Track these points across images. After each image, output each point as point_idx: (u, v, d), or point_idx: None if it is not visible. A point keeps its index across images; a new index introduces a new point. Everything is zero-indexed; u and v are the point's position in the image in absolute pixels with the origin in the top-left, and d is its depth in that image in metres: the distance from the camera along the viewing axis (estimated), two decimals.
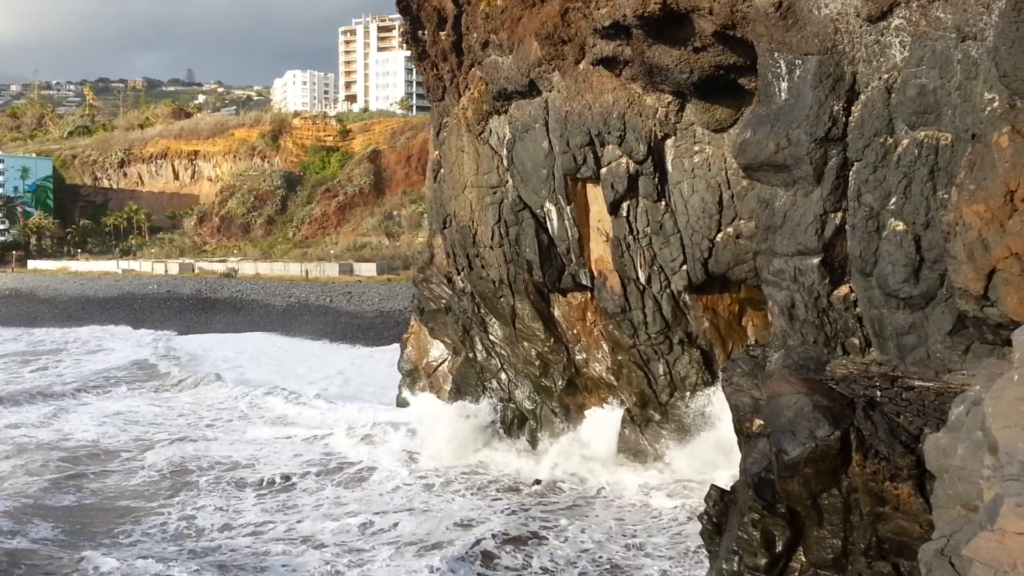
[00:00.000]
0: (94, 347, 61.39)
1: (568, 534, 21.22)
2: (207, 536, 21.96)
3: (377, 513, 23.18)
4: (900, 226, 14.07)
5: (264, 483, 26.35)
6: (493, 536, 20.75)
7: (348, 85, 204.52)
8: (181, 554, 20.36)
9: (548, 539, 20.97)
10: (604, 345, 26.57)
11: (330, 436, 32.00)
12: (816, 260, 15.76)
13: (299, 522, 22.77)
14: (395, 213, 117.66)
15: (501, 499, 24.37)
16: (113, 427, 34.68)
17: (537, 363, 28.18)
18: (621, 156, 23.48)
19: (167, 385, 45.67)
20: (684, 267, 23.08)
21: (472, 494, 24.87)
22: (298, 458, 29.31)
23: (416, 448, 29.38)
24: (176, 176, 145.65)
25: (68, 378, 48.08)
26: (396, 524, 22.38)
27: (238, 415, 37.09)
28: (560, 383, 27.73)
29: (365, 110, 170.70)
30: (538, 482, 25.32)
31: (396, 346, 41.11)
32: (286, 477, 26.77)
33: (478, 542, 20.41)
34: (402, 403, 35.30)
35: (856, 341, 15.62)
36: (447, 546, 20.32)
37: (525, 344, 28.49)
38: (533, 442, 28.57)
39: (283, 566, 19.65)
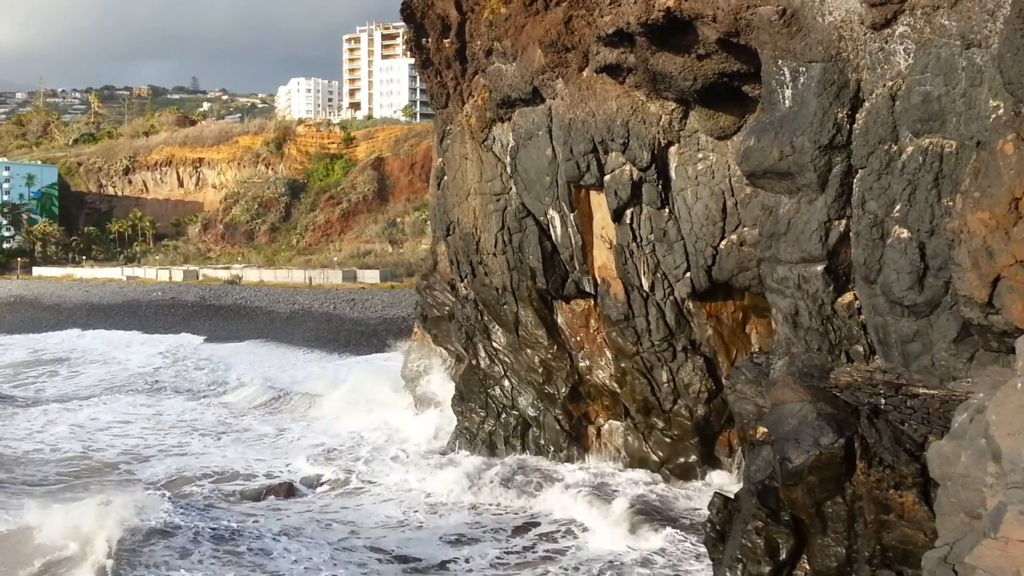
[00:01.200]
0: (97, 356, 61.23)
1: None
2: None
3: (365, 530, 22.67)
4: (904, 233, 14.06)
5: (262, 493, 26.08)
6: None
7: (352, 93, 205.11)
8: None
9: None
10: (607, 352, 26.55)
11: (333, 448, 31.69)
12: (820, 267, 15.74)
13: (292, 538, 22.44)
14: (398, 220, 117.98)
15: (501, 514, 24.08)
16: (107, 436, 34.43)
17: (540, 370, 28.15)
18: (625, 163, 23.48)
19: (168, 393, 45.42)
20: (688, 274, 23.05)
21: (470, 509, 24.52)
22: (302, 469, 29.08)
23: (415, 463, 29.01)
24: (181, 183, 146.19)
25: (65, 388, 48.07)
26: (384, 537, 22.05)
27: (237, 427, 36.77)
28: (563, 390, 27.69)
29: (369, 117, 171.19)
30: None
31: (399, 353, 41.10)
32: (289, 488, 26.53)
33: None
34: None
35: (860, 349, 15.59)
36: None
37: (528, 351, 28.47)
38: (538, 453, 28.49)
39: None
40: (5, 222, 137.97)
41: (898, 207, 14.15)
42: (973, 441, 9.53)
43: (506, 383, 29.62)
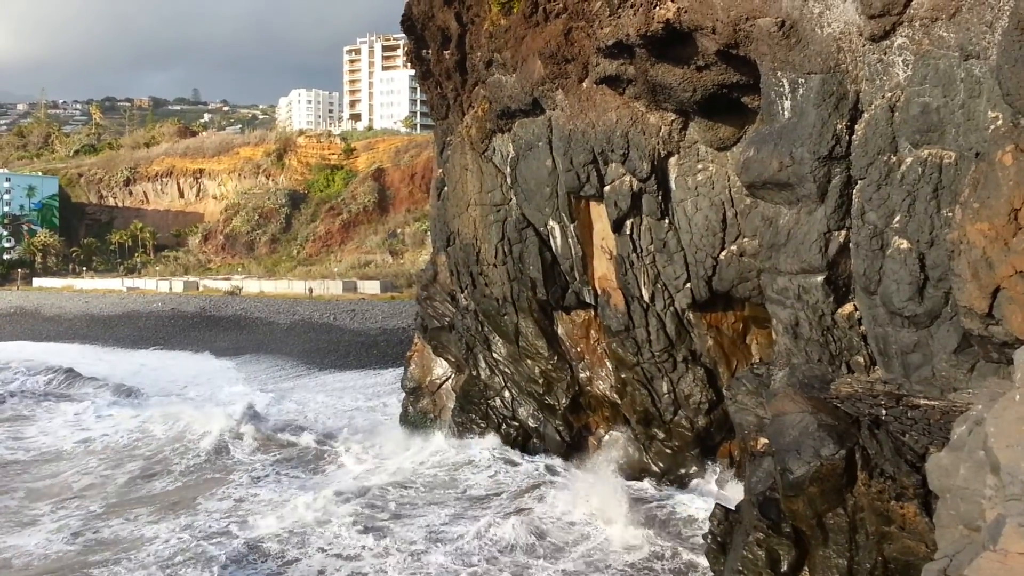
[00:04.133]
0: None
1: None
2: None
3: None
4: (904, 244, 14.06)
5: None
6: None
7: (353, 104, 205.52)
8: None
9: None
10: (608, 363, 26.53)
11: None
12: (820, 278, 15.76)
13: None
14: (399, 231, 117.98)
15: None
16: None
17: (541, 381, 28.13)
18: (624, 174, 23.52)
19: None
20: (688, 285, 23.06)
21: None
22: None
23: None
24: (181, 194, 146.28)
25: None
26: None
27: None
28: (564, 401, 27.68)
29: (369, 128, 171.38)
30: None
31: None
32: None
33: None
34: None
35: (861, 359, 15.59)
36: None
37: (528, 362, 28.45)
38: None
39: None
40: (6, 233, 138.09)
41: (898, 218, 14.16)
42: (972, 453, 9.50)
43: (506, 394, 29.61)
